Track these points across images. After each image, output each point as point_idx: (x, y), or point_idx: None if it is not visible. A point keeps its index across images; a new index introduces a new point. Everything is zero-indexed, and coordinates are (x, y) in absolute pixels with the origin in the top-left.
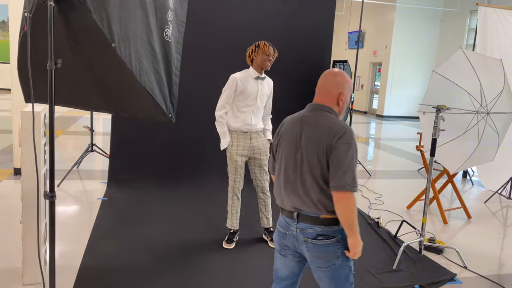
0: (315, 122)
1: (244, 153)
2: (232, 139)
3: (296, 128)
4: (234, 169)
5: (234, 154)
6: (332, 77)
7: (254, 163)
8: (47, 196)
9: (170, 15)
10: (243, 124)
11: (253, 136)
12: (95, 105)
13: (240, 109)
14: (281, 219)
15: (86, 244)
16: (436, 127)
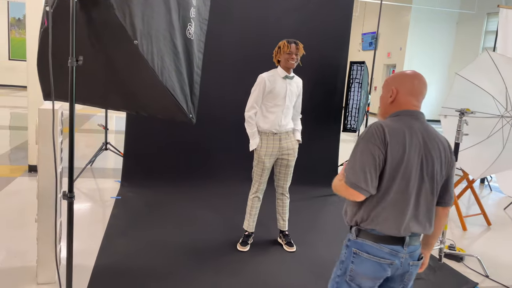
0: (430, 133)
1: (274, 155)
2: (261, 141)
3: (415, 140)
4: (261, 171)
5: (262, 156)
6: (424, 81)
7: (281, 163)
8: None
9: (193, 13)
10: (272, 125)
11: (282, 137)
12: (114, 104)
13: (269, 109)
14: (381, 249)
15: (100, 244)
16: (459, 131)
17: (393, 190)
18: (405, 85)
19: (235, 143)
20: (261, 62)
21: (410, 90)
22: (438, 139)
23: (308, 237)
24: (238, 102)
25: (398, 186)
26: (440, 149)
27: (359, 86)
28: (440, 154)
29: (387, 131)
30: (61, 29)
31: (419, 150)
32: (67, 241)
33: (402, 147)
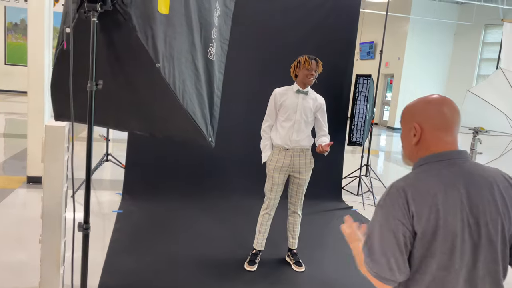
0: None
1: (283, 170)
2: (273, 154)
3: (453, 197)
4: (271, 186)
5: (271, 170)
6: (455, 107)
7: (293, 181)
8: (82, 228)
9: (215, 33)
10: (283, 140)
11: (295, 153)
12: (129, 126)
13: (281, 123)
14: None
15: (103, 261)
16: (473, 150)
17: (432, 269)
18: (430, 118)
19: (245, 155)
20: (267, 74)
21: (439, 123)
22: (491, 183)
23: (316, 256)
24: (247, 114)
25: (438, 263)
26: (496, 196)
27: (365, 100)
28: (497, 203)
29: (411, 196)
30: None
31: (461, 209)
32: (81, 276)
33: (434, 212)
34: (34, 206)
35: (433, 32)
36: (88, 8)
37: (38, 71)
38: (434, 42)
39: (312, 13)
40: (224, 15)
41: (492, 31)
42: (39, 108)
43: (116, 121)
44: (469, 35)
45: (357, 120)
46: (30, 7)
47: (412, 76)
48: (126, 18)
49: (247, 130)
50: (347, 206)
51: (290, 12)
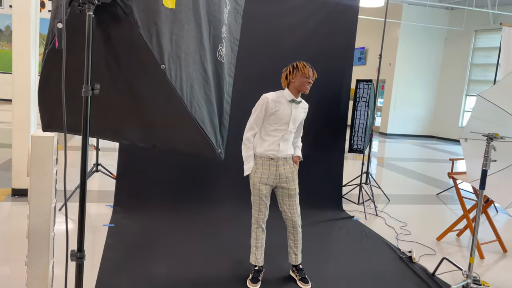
0: None
1: (269, 182)
2: (256, 165)
3: None
4: (258, 199)
5: (257, 183)
6: None
7: (282, 193)
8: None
9: (224, 31)
10: (269, 150)
11: (280, 163)
12: (129, 137)
13: (269, 132)
14: None
15: (93, 280)
16: (487, 158)
17: None
18: None
19: (239, 166)
20: (262, 81)
21: None
22: None
23: (320, 270)
24: (240, 122)
25: None
26: None
27: (365, 105)
28: None
29: None
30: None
31: None
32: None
33: None
34: (19, 220)
35: (424, 38)
36: (83, 1)
37: (23, 79)
38: (425, 48)
39: (309, 18)
40: (234, 11)
41: (482, 37)
42: (24, 117)
43: (115, 132)
44: (459, 40)
45: (357, 127)
46: (15, 13)
47: (403, 81)
48: (126, 12)
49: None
50: (348, 215)
51: (287, 17)
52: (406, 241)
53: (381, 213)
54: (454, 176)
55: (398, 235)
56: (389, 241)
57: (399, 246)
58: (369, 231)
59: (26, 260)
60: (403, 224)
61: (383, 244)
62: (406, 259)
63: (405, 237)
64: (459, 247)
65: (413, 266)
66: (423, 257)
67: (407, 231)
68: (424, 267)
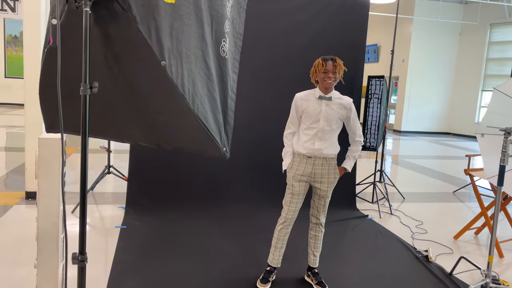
0: None
1: (303, 179)
2: (293, 162)
3: None
4: (290, 195)
5: (290, 178)
6: None
7: (315, 191)
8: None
9: (227, 26)
10: (304, 148)
11: (317, 162)
12: (132, 137)
13: (303, 130)
14: None
15: (105, 281)
16: (504, 153)
17: None
18: None
19: (253, 165)
20: (274, 79)
21: None
22: None
23: (335, 272)
24: (253, 121)
25: None
26: None
27: (378, 102)
28: None
29: None
30: (70, 48)
31: None
32: None
33: None
34: (32, 224)
35: (438, 33)
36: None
37: (35, 84)
38: (439, 43)
39: (319, 15)
40: (238, 6)
41: (498, 30)
42: (36, 121)
43: (117, 132)
44: (474, 34)
45: (370, 124)
46: (25, 19)
47: (417, 78)
48: (125, 8)
49: (255, 137)
50: (362, 214)
51: (298, 14)
52: (422, 240)
53: (396, 212)
54: (471, 173)
55: (414, 234)
56: (404, 240)
57: (415, 245)
58: (384, 230)
59: (36, 263)
60: (419, 223)
61: (399, 244)
62: (423, 259)
63: (421, 236)
64: (477, 245)
65: (430, 266)
66: (440, 256)
67: (423, 230)
68: (442, 267)
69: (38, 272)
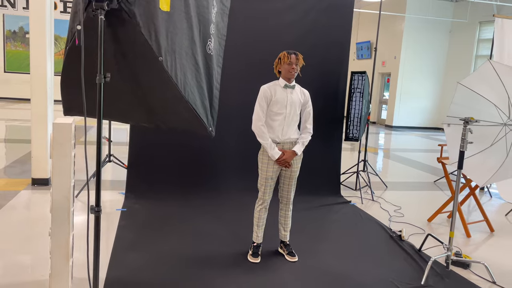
0: None
1: (276, 165)
2: (264, 149)
3: None
4: (265, 180)
5: (265, 165)
6: None
7: (285, 174)
8: (94, 210)
9: (213, 29)
10: (276, 134)
11: (285, 147)
12: (135, 118)
13: (272, 117)
14: None
15: (107, 256)
16: (464, 140)
17: None
18: None
19: (242, 153)
20: (264, 73)
21: None
22: None
23: (312, 247)
24: (244, 112)
25: None
26: None
27: (360, 96)
28: None
29: None
30: (86, 47)
31: None
32: (94, 255)
33: None
34: (39, 206)
35: (429, 30)
36: (96, 7)
37: (41, 78)
38: (430, 40)
39: (306, 14)
40: (221, 12)
41: (487, 28)
42: (43, 113)
43: (123, 114)
44: (464, 32)
45: (353, 116)
46: (32, 15)
47: (408, 74)
48: (130, 16)
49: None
50: (346, 200)
51: (285, 12)
52: (398, 222)
53: (377, 199)
54: (443, 161)
55: (391, 217)
56: (382, 222)
57: (391, 226)
58: (364, 214)
59: (50, 231)
60: (398, 208)
61: (376, 225)
62: (396, 238)
63: (398, 219)
64: (448, 227)
65: (402, 244)
66: (413, 235)
67: (401, 214)
68: (412, 244)
69: (52, 239)
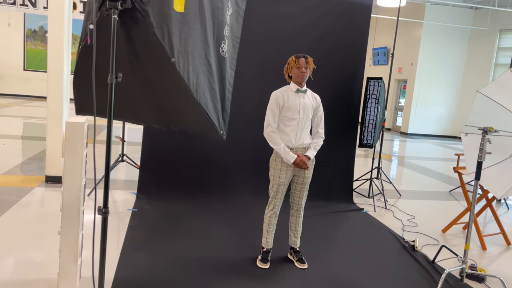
0: None
1: (289, 171)
2: (276, 155)
3: None
4: (277, 187)
5: (278, 171)
6: None
7: (297, 180)
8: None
9: (227, 31)
10: (289, 141)
11: (299, 152)
12: (146, 119)
13: (285, 123)
14: None
15: (118, 256)
16: (482, 150)
17: None
18: None
19: (254, 157)
20: (279, 77)
21: None
22: None
23: (322, 254)
24: (257, 117)
25: None
26: None
27: (375, 102)
28: None
29: None
30: (99, 46)
31: None
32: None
33: None
34: (52, 203)
35: (447, 37)
36: (109, 6)
37: (57, 77)
38: (448, 47)
39: (323, 17)
40: (236, 14)
41: (507, 36)
42: (58, 111)
43: (134, 115)
44: (483, 40)
45: (367, 123)
46: (50, 14)
47: (425, 81)
48: (144, 16)
49: (257, 131)
50: (358, 208)
51: (301, 16)
52: (412, 232)
53: (391, 207)
54: (459, 171)
55: (404, 227)
56: (395, 231)
57: (404, 236)
58: (376, 222)
59: (60, 230)
60: (411, 217)
61: (389, 234)
62: (409, 248)
63: (411, 228)
64: (464, 239)
65: (415, 254)
66: (426, 246)
67: (414, 224)
68: (425, 255)
69: (61, 238)
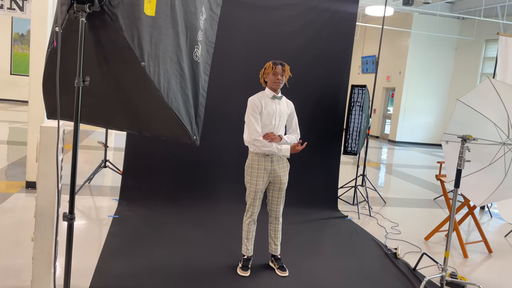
0: None
1: (265, 178)
2: (252, 162)
3: None
4: (254, 194)
5: (255, 177)
6: None
7: (274, 187)
8: (66, 218)
9: (200, 36)
10: None
11: (274, 159)
12: (118, 124)
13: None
14: None
15: (95, 264)
16: (461, 158)
17: None
18: None
19: (236, 164)
20: None
21: None
22: None
23: (303, 261)
24: (240, 124)
25: None
26: None
27: (360, 110)
28: None
29: None
30: (69, 49)
31: None
32: (65, 263)
33: None
34: (30, 209)
35: (434, 47)
36: (77, 9)
37: (39, 81)
38: (435, 57)
39: (308, 25)
40: (210, 19)
41: (493, 46)
42: (39, 116)
43: (106, 119)
44: (470, 49)
45: (352, 130)
46: (34, 19)
47: (413, 90)
48: (113, 19)
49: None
50: (342, 215)
51: (287, 24)
52: (395, 239)
53: (375, 215)
54: (441, 178)
55: (388, 234)
56: (378, 239)
57: (387, 243)
58: (360, 229)
59: (33, 237)
60: (395, 225)
61: (371, 242)
62: (391, 255)
63: (395, 236)
64: None
65: (396, 262)
66: (408, 254)
67: (397, 231)
68: (407, 262)
69: (34, 245)
